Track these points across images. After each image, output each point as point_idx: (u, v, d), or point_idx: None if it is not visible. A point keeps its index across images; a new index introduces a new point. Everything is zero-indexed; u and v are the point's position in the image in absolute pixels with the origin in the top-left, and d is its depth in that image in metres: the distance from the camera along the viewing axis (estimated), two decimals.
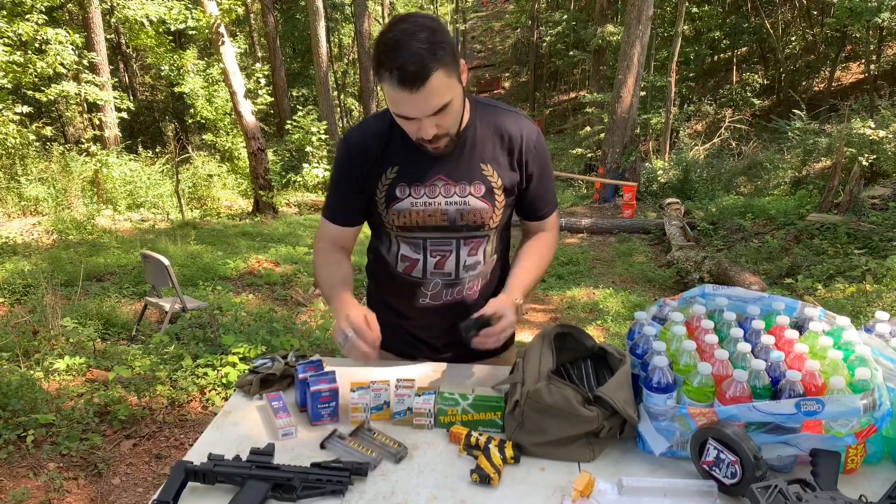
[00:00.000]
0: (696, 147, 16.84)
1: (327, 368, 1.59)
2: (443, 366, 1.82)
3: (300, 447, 1.44)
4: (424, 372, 1.78)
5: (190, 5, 11.44)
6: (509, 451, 1.37)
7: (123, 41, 19.49)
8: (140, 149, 14.78)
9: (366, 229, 1.88)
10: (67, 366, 4.07)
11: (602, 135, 16.68)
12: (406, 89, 1.40)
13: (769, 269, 8.05)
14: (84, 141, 12.60)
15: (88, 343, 4.63)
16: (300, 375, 1.55)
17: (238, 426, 1.53)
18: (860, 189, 9.74)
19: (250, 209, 12.81)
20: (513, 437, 1.41)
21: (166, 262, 5.16)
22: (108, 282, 6.89)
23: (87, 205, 11.17)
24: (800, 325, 1.55)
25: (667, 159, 16.17)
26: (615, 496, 1.25)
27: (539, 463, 1.39)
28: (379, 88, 21.19)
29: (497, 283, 1.84)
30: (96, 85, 12.80)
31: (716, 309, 1.61)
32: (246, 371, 1.70)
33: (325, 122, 15.79)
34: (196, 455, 1.38)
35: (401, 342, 1.87)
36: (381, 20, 23.88)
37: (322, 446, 1.43)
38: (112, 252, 8.09)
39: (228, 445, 1.44)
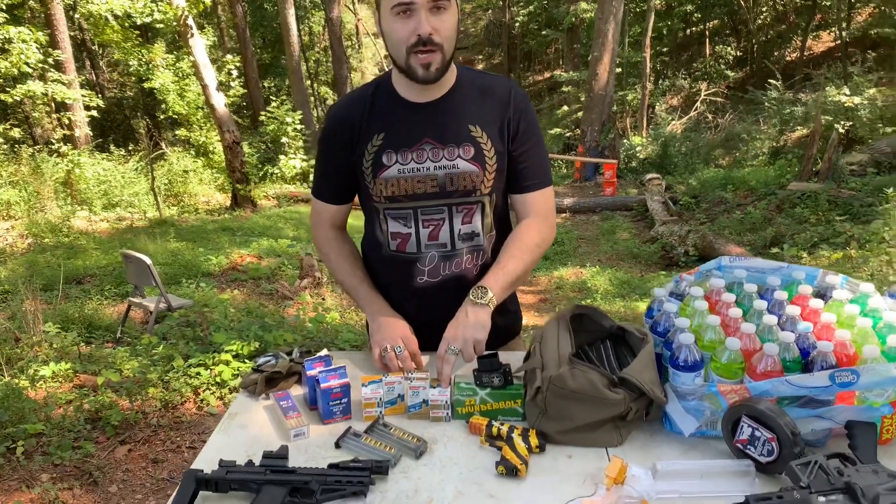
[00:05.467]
0: (673, 122, 16.87)
1: (336, 363, 1.52)
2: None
3: (314, 448, 1.37)
4: (432, 363, 1.71)
5: None
6: (534, 440, 1.32)
7: (88, 38, 19.05)
8: (112, 147, 14.48)
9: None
10: (53, 372, 3.95)
11: (580, 113, 16.66)
12: None
13: (753, 240, 8.09)
14: (54, 141, 12.30)
15: (72, 348, 4.50)
16: (309, 372, 1.48)
17: (246, 429, 1.45)
18: (838, 156, 9.81)
19: (228, 204, 12.63)
20: (536, 424, 1.36)
21: (148, 261, 5.04)
22: (89, 284, 6.74)
23: (61, 207, 10.93)
24: (822, 294, 1.50)
25: (644, 135, 16.18)
26: (650, 481, 1.20)
27: (565, 450, 1.33)
28: (352, 75, 20.96)
29: None
30: (63, 83, 12.49)
31: (734, 281, 1.56)
32: (249, 370, 1.63)
33: (299, 112, 15.58)
34: (205, 462, 1.30)
35: None
36: (350, 7, 23.57)
37: (337, 445, 1.36)
38: (90, 254, 7.92)
39: (238, 450, 1.37)
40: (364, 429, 1.40)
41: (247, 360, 4.00)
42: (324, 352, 1.58)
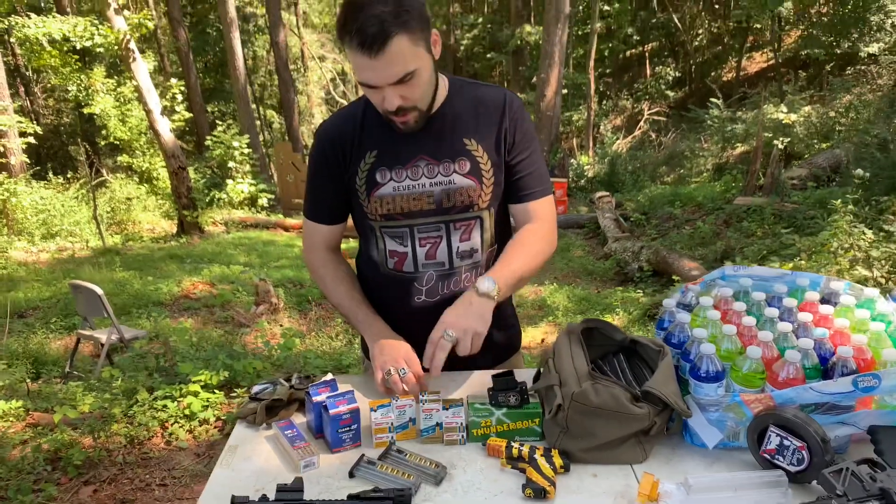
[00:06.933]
0: (618, 141, 17.26)
1: (343, 388, 1.45)
2: (454, 374, 1.69)
3: (326, 478, 1.30)
4: (435, 383, 1.65)
5: (96, 21, 10.83)
6: (558, 460, 1.27)
7: (22, 63, 18.41)
8: (50, 175, 13.96)
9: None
10: (3, 411, 3.71)
11: None
12: (365, 53, 1.34)
13: (705, 254, 8.26)
14: None
15: (21, 385, 4.26)
16: (315, 398, 1.40)
17: (250, 461, 1.37)
18: (780, 171, 10.16)
19: (175, 230, 12.29)
20: (557, 444, 1.32)
21: (99, 291, 4.83)
22: (32, 317, 6.42)
23: None
24: (826, 300, 1.51)
25: (591, 154, 16.50)
26: (683, 497, 1.17)
27: (589, 469, 1.29)
28: (299, 100, 20.80)
29: None
30: None
31: (740, 290, 1.55)
32: (246, 399, 1.54)
33: (246, 136, 15.33)
34: (212, 499, 1.22)
35: None
36: (295, 30, 23.43)
37: (351, 475, 1.29)
38: (32, 285, 7.56)
39: (245, 484, 1.28)
40: (377, 456, 1.34)
41: (216, 391, 3.84)
42: (329, 376, 1.51)
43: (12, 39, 12.41)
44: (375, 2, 1.32)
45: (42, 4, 20.37)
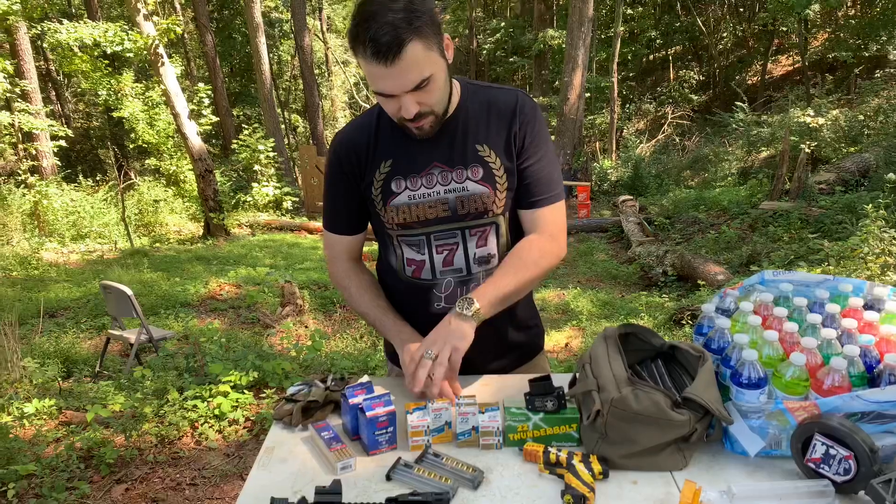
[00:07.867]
0: (642, 144, 17.14)
1: (378, 390, 1.45)
2: (488, 378, 1.69)
3: (363, 481, 1.30)
4: (469, 387, 1.65)
5: (125, 26, 11.02)
6: (596, 466, 1.26)
7: (53, 68, 18.76)
8: (80, 178, 14.19)
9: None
10: (36, 409, 3.77)
11: (552, 137, 16.81)
12: (380, 62, 1.32)
13: (730, 259, 8.17)
14: (20, 172, 12.00)
15: (53, 384, 4.32)
16: (352, 400, 1.40)
17: (287, 463, 1.37)
18: (807, 175, 10.02)
19: (201, 233, 12.42)
20: (595, 450, 1.30)
21: (129, 291, 4.89)
22: (63, 317, 6.52)
23: (29, 239, 10.64)
24: (870, 306, 1.48)
25: (614, 158, 16.41)
26: None
27: (629, 476, 1.28)
28: (323, 104, 20.96)
29: None
30: (31, 113, 12.23)
31: (780, 295, 1.53)
32: (281, 401, 1.55)
33: (271, 140, 15.48)
34: (251, 500, 1.23)
35: None
36: (319, 35, 23.61)
37: (388, 478, 1.29)
38: (63, 286, 7.69)
39: (282, 486, 1.29)
40: (414, 459, 1.33)
41: (245, 392, 3.88)
42: (364, 378, 1.51)
43: (44, 45, 12.62)
44: (386, 10, 1.31)
45: (73, 11, 20.75)
